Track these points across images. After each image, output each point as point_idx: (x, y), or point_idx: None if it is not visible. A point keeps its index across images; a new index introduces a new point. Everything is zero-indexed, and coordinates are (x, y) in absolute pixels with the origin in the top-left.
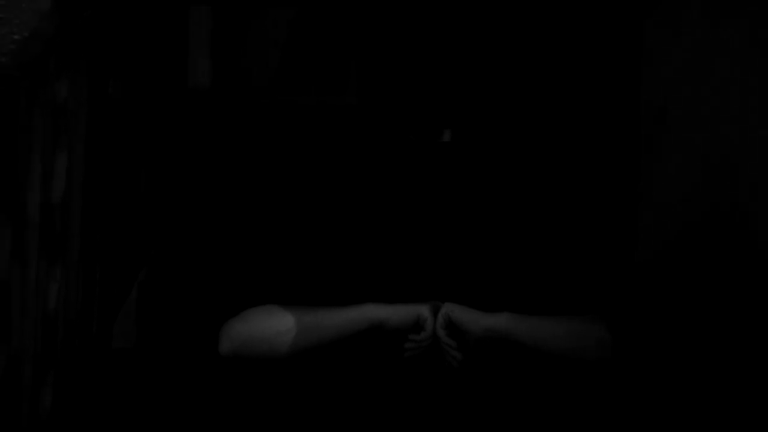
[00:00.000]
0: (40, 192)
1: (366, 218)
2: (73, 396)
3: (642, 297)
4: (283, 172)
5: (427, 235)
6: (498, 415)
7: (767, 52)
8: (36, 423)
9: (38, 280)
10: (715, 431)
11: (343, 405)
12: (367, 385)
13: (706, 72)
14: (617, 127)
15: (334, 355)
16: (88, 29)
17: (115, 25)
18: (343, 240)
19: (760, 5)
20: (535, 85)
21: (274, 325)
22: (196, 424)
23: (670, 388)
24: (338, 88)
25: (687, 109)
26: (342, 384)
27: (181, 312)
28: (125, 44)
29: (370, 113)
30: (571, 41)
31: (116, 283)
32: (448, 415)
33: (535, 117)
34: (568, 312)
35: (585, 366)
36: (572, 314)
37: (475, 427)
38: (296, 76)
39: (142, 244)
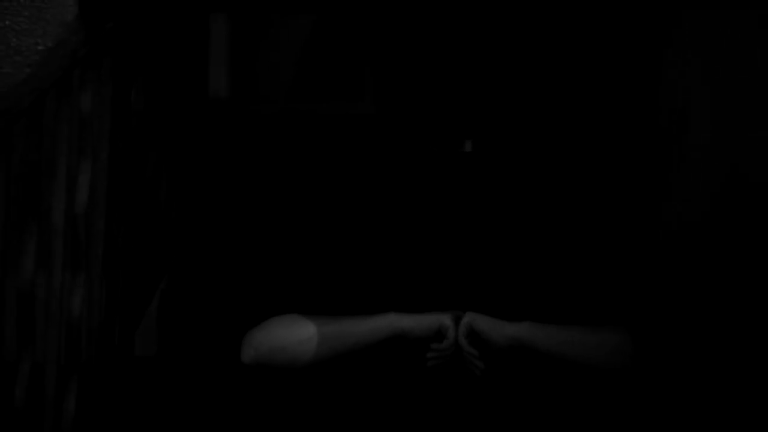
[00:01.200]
0: (65, 201)
1: (387, 228)
2: (96, 403)
3: (664, 307)
4: (302, 181)
5: (448, 245)
6: (520, 424)
7: None
8: (59, 429)
9: (63, 288)
10: None
11: (365, 414)
12: (389, 394)
13: (726, 76)
14: (636, 137)
15: (356, 364)
16: (112, 40)
17: (138, 36)
18: (365, 249)
19: None
20: (555, 94)
21: (296, 335)
22: None
23: (691, 398)
24: (355, 97)
25: (707, 113)
26: (364, 393)
27: (203, 320)
28: (147, 55)
29: (388, 122)
30: (591, 48)
31: (138, 291)
32: (471, 423)
33: (556, 127)
34: (590, 321)
35: (607, 375)
36: (594, 323)
37: None
38: (313, 85)
39: (164, 252)
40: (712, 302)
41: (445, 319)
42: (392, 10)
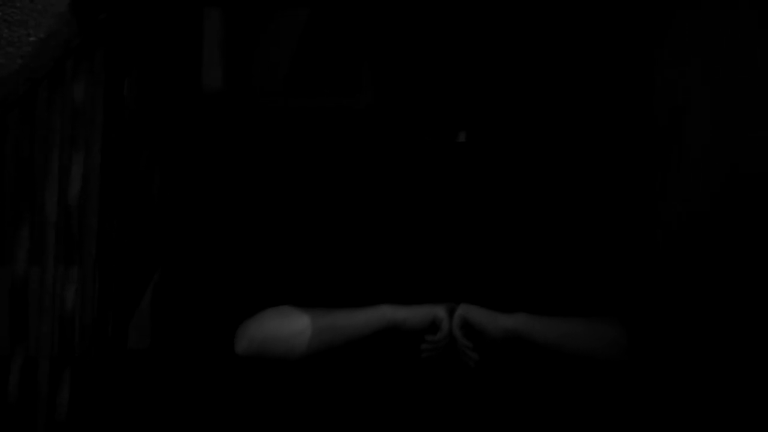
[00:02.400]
0: (57, 193)
1: (380, 219)
2: (90, 396)
3: (659, 298)
4: (296, 174)
5: (442, 236)
6: (514, 415)
7: None
8: (53, 422)
9: (56, 280)
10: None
11: (359, 405)
12: (383, 386)
13: (726, 75)
14: (633, 127)
15: (349, 355)
16: (104, 32)
17: (131, 28)
18: (358, 241)
19: None
20: (550, 85)
21: (290, 326)
22: (211, 425)
23: (685, 390)
24: (351, 90)
25: (704, 110)
26: (358, 385)
27: (196, 312)
28: (140, 46)
29: (384, 115)
30: (588, 42)
31: (131, 283)
32: (464, 415)
33: (551, 118)
34: (585, 313)
35: (601, 366)
36: (589, 315)
37: (492, 427)
38: (309, 78)
39: (157, 244)
40: (709, 298)
41: (439, 311)
42: (388, 3)
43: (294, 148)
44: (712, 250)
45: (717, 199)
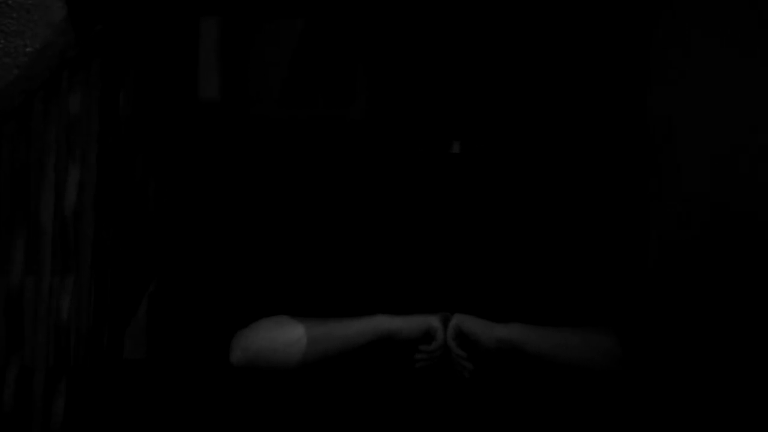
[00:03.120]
0: (53, 203)
1: (376, 230)
2: (85, 406)
3: (652, 308)
4: (291, 185)
5: (436, 247)
6: (509, 426)
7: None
8: None
9: (51, 290)
10: None
11: (353, 415)
12: (377, 396)
13: (713, 81)
14: (626, 137)
15: (344, 365)
16: (101, 42)
17: (127, 38)
18: (353, 251)
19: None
20: (542, 95)
21: (285, 336)
22: None
23: (679, 400)
24: (346, 101)
25: (694, 118)
26: (353, 394)
27: (192, 323)
28: (137, 57)
29: (378, 125)
30: (578, 51)
31: (127, 293)
32: (459, 425)
33: (543, 128)
34: (579, 323)
35: (595, 377)
36: (583, 325)
37: None
38: (304, 88)
39: (153, 254)
40: (703, 304)
41: (434, 321)
42: (382, 15)
43: (289, 158)
44: (707, 258)
45: (713, 205)
